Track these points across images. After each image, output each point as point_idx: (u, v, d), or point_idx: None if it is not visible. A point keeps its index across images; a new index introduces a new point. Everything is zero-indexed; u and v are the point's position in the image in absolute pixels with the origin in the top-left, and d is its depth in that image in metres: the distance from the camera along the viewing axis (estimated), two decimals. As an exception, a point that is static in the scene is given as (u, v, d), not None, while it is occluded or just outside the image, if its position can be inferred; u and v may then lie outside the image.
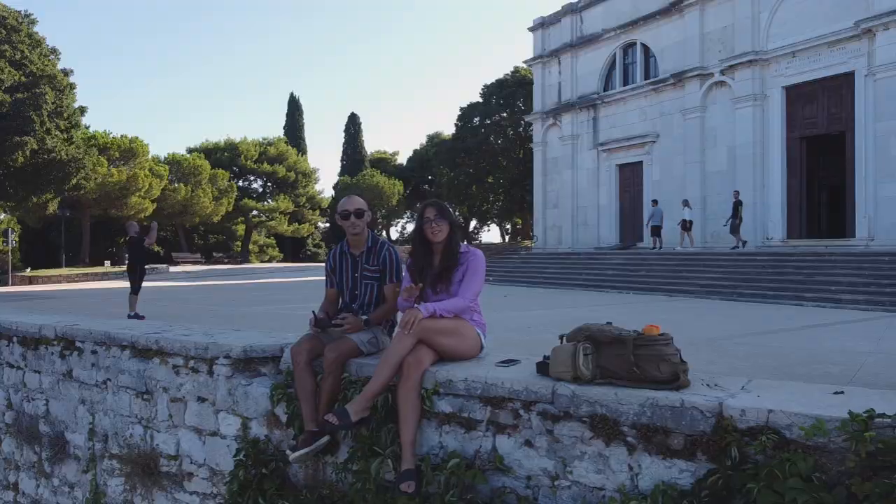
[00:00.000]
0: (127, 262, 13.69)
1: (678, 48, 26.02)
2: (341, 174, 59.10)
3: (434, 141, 58.15)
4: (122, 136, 36.31)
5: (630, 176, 28.68)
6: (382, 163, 61.77)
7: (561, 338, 3.08)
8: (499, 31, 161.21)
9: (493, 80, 45.47)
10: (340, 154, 60.98)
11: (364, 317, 3.88)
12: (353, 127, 60.57)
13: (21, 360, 5.71)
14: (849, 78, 20.76)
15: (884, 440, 2.15)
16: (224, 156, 45.38)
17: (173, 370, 4.39)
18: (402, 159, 64.79)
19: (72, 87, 27.80)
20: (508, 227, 59.67)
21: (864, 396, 2.56)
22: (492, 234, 63.82)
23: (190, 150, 45.84)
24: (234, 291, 20.68)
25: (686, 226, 23.38)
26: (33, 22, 27.41)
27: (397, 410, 3.26)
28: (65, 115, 26.47)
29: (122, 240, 40.32)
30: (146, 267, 13.33)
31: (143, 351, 4.64)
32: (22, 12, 26.72)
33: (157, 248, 46.67)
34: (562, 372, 2.93)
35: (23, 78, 25.02)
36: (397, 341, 3.43)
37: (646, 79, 27.74)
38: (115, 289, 21.35)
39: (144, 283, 12.38)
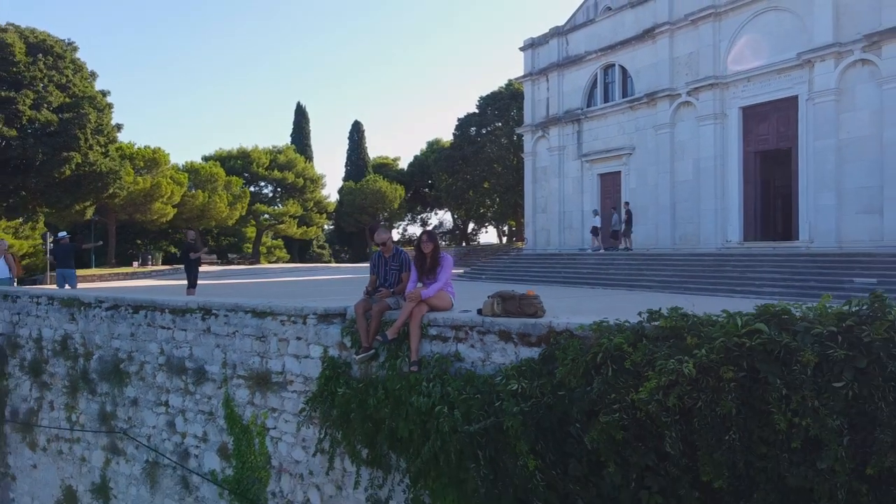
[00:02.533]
0: (185, 262, 16.85)
1: (651, 70, 29.17)
2: (346, 179, 62.28)
3: (433, 147, 61.28)
4: (145, 146, 39.48)
5: (610, 184, 31.80)
6: (384, 168, 64.95)
7: (488, 297, 6.25)
8: (495, 44, 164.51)
9: (488, 92, 48.58)
10: (345, 160, 64.34)
11: (392, 290, 7.05)
12: (356, 134, 63.79)
13: (171, 323, 8.80)
14: (794, 101, 23.89)
15: (608, 332, 5.25)
16: (237, 163, 48.70)
17: (280, 322, 7.50)
18: (403, 164, 68.00)
19: (109, 106, 31.16)
20: (505, 228, 62.81)
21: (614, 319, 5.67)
22: (490, 236, 67.03)
23: (205, 158, 49.24)
24: (275, 287, 23.72)
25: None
26: (75, 49, 30.74)
27: (409, 334, 6.39)
28: (104, 132, 29.87)
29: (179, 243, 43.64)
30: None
31: (260, 313, 7.75)
32: (65, 40, 30.08)
33: (173, 250, 49.86)
34: (486, 313, 6.08)
35: (67, 99, 28.34)
36: (407, 303, 6.56)
37: (623, 97, 30.89)
38: (168, 285, 24.37)
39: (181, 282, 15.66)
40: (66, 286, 15.75)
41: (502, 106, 45.88)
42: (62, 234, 16.86)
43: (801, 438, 4.09)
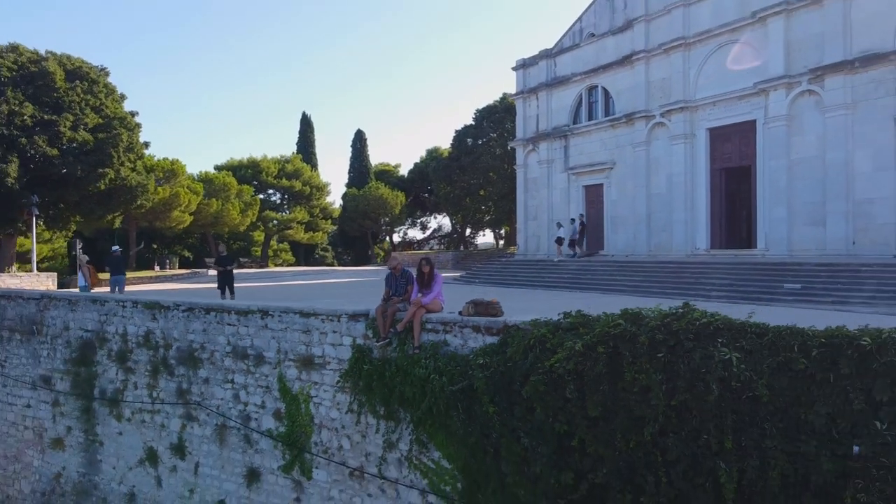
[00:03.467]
0: (218, 271, 19.72)
1: (630, 92, 32.15)
2: (349, 185, 65.26)
3: (433, 154, 64.28)
4: (164, 158, 42.47)
5: (594, 195, 34.76)
6: (386, 174, 67.94)
7: (465, 302, 9.26)
8: (492, 56, 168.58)
9: (484, 105, 51.52)
10: (348, 166, 67.28)
11: (401, 298, 10.04)
12: (359, 142, 66.79)
13: (236, 321, 11.73)
14: (753, 124, 26.84)
15: (539, 326, 8.20)
16: (248, 172, 51.67)
17: (321, 320, 10.46)
18: (403, 170, 71.03)
19: (138, 126, 34.27)
20: (502, 232, 65.81)
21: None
22: (487, 237, 70.05)
23: (218, 168, 52.28)
24: (298, 290, 26.64)
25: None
26: (107, 74, 33.83)
27: (412, 328, 9.36)
28: (134, 150, 32.96)
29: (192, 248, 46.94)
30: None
31: (306, 314, 10.71)
32: (98, 67, 33.19)
33: (187, 254, 52.78)
34: (464, 314, 9.06)
35: (101, 120, 31.39)
36: (411, 307, 9.51)
37: (606, 116, 33.86)
38: (201, 289, 27.28)
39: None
40: (117, 289, 18.76)
41: (497, 119, 48.84)
42: (116, 248, 19.79)
43: (640, 386, 7.10)
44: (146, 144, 35.29)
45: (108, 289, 19.62)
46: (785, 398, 6.43)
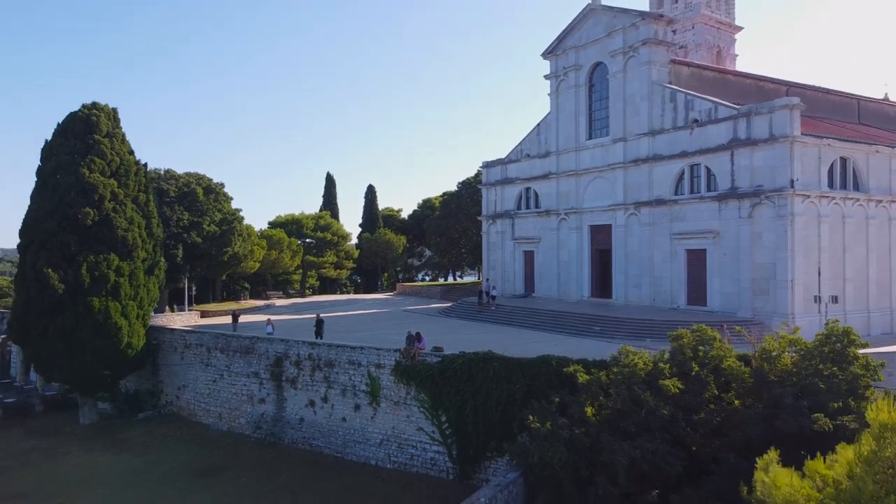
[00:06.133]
0: (317, 325, 38.66)
1: (548, 195, 51.62)
2: (362, 228, 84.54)
3: (427, 203, 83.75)
4: (248, 225, 61.66)
5: (529, 257, 54.14)
6: (390, 218, 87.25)
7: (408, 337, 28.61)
8: (475, 128, 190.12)
9: (464, 177, 70.94)
10: (361, 213, 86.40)
11: (410, 348, 29.37)
12: (370, 195, 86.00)
13: (350, 349, 30.81)
14: (610, 226, 46.21)
15: (451, 357, 27.43)
16: (292, 227, 70.57)
17: (381, 351, 29.60)
18: (405, 213, 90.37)
19: (241, 218, 53.85)
20: (477, 269, 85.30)
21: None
22: (472, 276, 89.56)
23: (271, 224, 71.47)
24: (349, 321, 45.73)
25: (480, 294, 49.16)
26: (223, 185, 53.53)
27: (415, 356, 28.53)
28: (243, 234, 52.46)
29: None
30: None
31: (377, 349, 29.81)
32: (220, 182, 52.93)
33: (246, 285, 71.93)
34: (421, 350, 28.38)
35: (220, 216, 50.89)
36: (415, 349, 28.66)
37: (535, 208, 53.25)
38: (305, 319, 46.28)
39: (311, 316, 37.96)
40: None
41: (474, 191, 68.18)
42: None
43: (476, 383, 26.74)
44: (248, 226, 54.89)
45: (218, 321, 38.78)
46: (511, 385, 25.86)
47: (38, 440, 35.31)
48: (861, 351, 21.83)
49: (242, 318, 44.33)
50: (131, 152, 37.54)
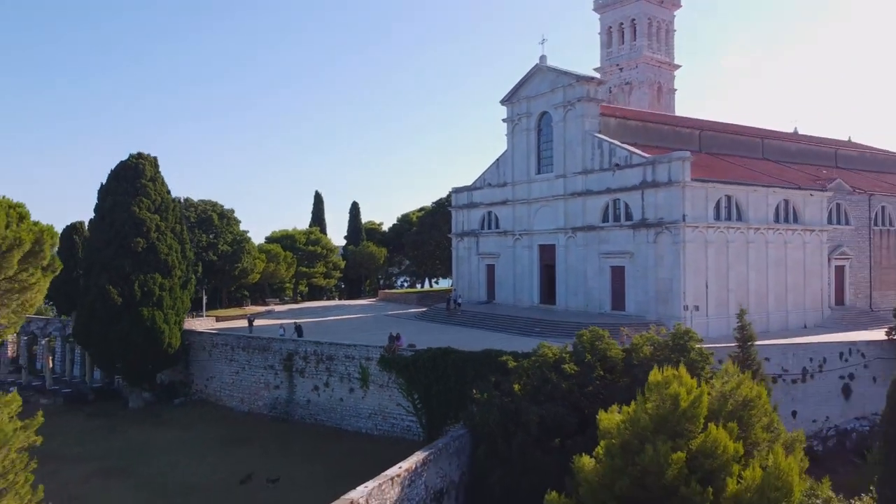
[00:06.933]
0: (298, 331, 48.71)
1: (506, 218, 61.97)
2: (347, 241, 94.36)
3: (405, 218, 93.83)
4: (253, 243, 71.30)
5: (491, 270, 64.44)
6: (372, 231, 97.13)
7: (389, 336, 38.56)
8: (448, 148, 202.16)
9: (439, 197, 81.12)
10: (346, 227, 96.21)
11: (392, 346, 39.41)
12: (354, 210, 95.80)
13: (346, 347, 40.63)
14: (555, 246, 56.79)
15: (423, 352, 37.50)
16: (287, 242, 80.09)
17: (370, 348, 39.57)
18: (385, 225, 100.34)
19: (249, 239, 63.55)
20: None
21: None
22: (445, 282, 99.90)
23: (268, 239, 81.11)
24: (339, 325, 55.66)
25: (448, 301, 59.43)
26: (233, 211, 63.36)
27: (395, 351, 38.51)
28: (251, 253, 62.23)
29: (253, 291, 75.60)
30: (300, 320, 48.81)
31: (365, 346, 39.67)
32: (231, 209, 62.72)
33: (247, 294, 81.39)
34: (399, 347, 38.39)
35: (231, 237, 60.67)
36: (395, 346, 38.64)
37: (496, 229, 63.61)
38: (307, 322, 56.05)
39: (308, 320, 47.89)
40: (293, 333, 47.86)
41: (446, 210, 78.38)
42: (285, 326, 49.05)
43: (440, 370, 37.05)
44: (254, 245, 64.74)
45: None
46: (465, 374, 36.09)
47: (99, 421, 44.78)
48: (718, 346, 32.32)
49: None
50: (168, 192, 47.22)
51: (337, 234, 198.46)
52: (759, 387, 25.13)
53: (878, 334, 43.58)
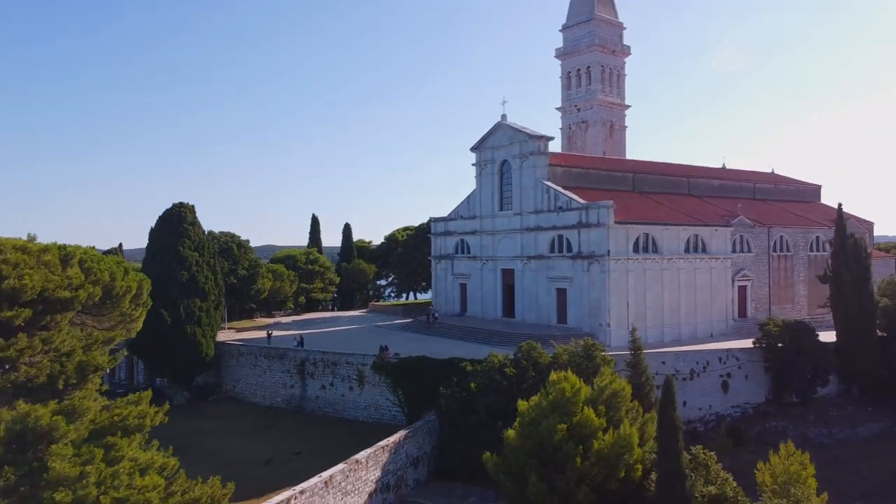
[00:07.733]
0: (300, 342, 61.20)
1: (475, 246, 74.75)
2: (340, 258, 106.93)
3: (392, 236, 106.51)
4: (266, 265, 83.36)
5: (465, 287, 77.21)
6: (363, 248, 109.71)
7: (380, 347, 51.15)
8: (434, 171, 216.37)
9: (421, 220, 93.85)
10: (339, 245, 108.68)
11: (382, 354, 52.02)
12: (347, 231, 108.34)
13: (348, 354, 52.83)
14: (513, 270, 69.65)
15: (409, 360, 50.07)
16: (289, 262, 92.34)
17: (365, 356, 52.11)
18: (375, 242, 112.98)
19: (261, 265, 76.05)
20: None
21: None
22: (427, 295, 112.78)
23: (273, 260, 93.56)
24: (337, 335, 68.14)
25: (428, 315, 72.45)
26: (248, 241, 75.73)
27: (385, 357, 51.08)
28: (264, 275, 74.62)
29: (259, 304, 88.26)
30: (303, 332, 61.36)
31: (362, 354, 52.18)
32: (246, 239, 75.02)
33: (254, 307, 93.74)
34: (387, 355, 51.02)
35: (247, 262, 73.05)
36: (385, 354, 51.18)
37: (468, 254, 76.48)
38: (311, 333, 68.50)
39: (311, 331, 60.44)
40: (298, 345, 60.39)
41: (427, 236, 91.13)
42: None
43: (416, 371, 49.91)
44: (261, 265, 77.29)
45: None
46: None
47: (152, 414, 57.08)
48: (621, 353, 45.19)
49: (260, 333, 66.72)
50: (204, 232, 59.59)
51: (329, 235, 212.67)
52: (624, 382, 38.28)
53: (750, 343, 56.88)
